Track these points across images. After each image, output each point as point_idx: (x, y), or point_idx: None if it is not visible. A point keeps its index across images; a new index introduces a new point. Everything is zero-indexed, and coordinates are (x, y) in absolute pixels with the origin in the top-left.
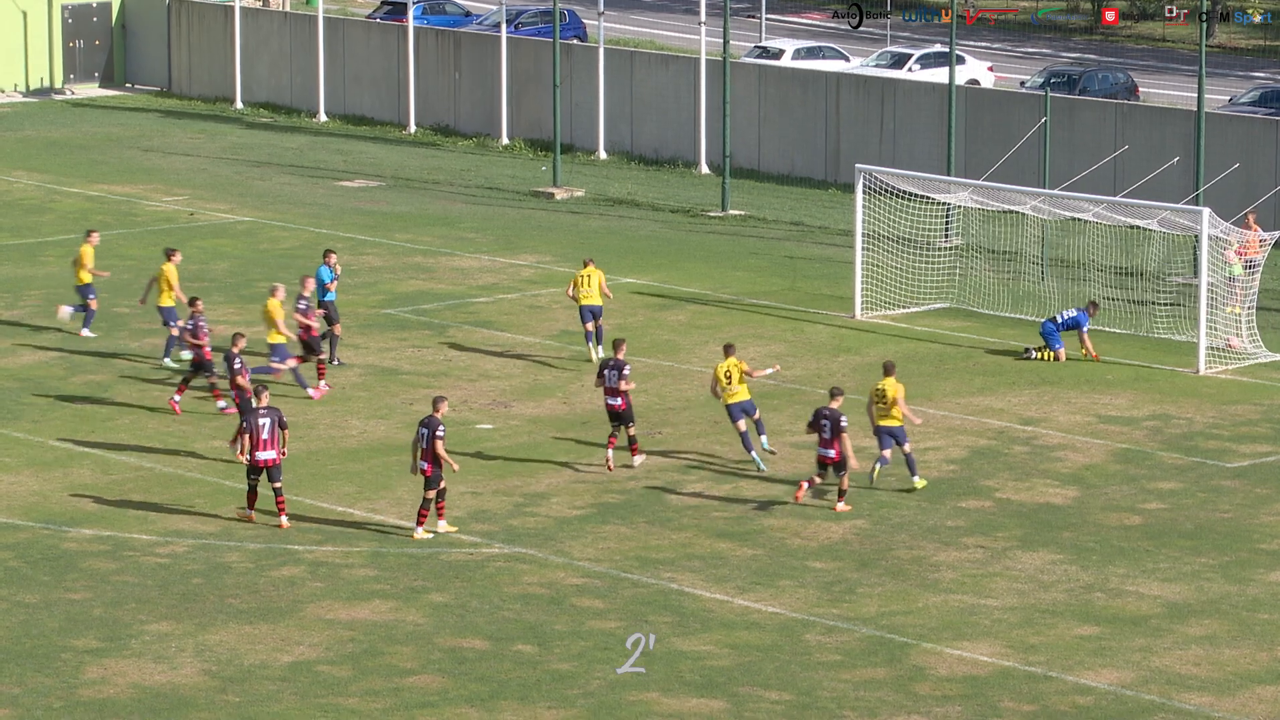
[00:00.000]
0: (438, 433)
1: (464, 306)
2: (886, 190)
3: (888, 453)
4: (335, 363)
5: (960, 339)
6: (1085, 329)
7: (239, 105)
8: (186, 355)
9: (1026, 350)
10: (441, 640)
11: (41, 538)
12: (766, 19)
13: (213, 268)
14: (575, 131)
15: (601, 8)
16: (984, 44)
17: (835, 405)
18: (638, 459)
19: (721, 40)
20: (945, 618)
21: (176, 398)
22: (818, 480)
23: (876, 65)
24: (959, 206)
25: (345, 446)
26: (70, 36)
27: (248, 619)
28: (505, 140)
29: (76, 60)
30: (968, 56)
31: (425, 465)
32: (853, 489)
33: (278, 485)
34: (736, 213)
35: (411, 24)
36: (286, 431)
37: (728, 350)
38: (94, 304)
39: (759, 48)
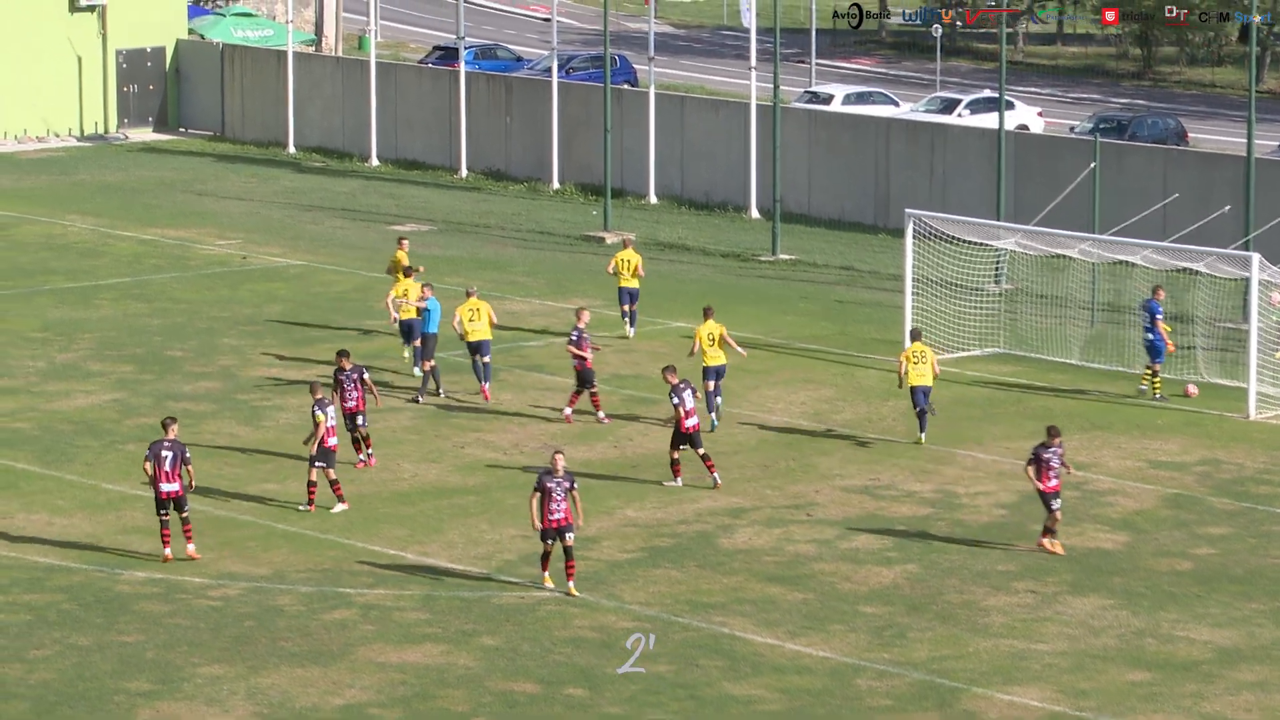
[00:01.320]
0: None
1: (515, 350)
2: (936, 235)
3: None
4: (421, 399)
5: (1010, 383)
6: (1159, 315)
7: (291, 150)
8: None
9: (1147, 392)
10: (493, 684)
11: (95, 580)
12: (816, 64)
13: (265, 310)
14: (626, 176)
15: (652, 53)
16: (1033, 89)
17: (1056, 443)
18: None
19: (772, 85)
20: (996, 663)
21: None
22: (1059, 517)
23: (926, 110)
24: (1008, 251)
25: (396, 490)
26: (124, 81)
27: (299, 662)
28: (556, 184)
29: (130, 105)
30: (1017, 102)
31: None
32: (905, 529)
33: (184, 515)
34: (787, 257)
35: (463, 69)
36: (190, 467)
37: (708, 313)
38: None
39: (809, 92)
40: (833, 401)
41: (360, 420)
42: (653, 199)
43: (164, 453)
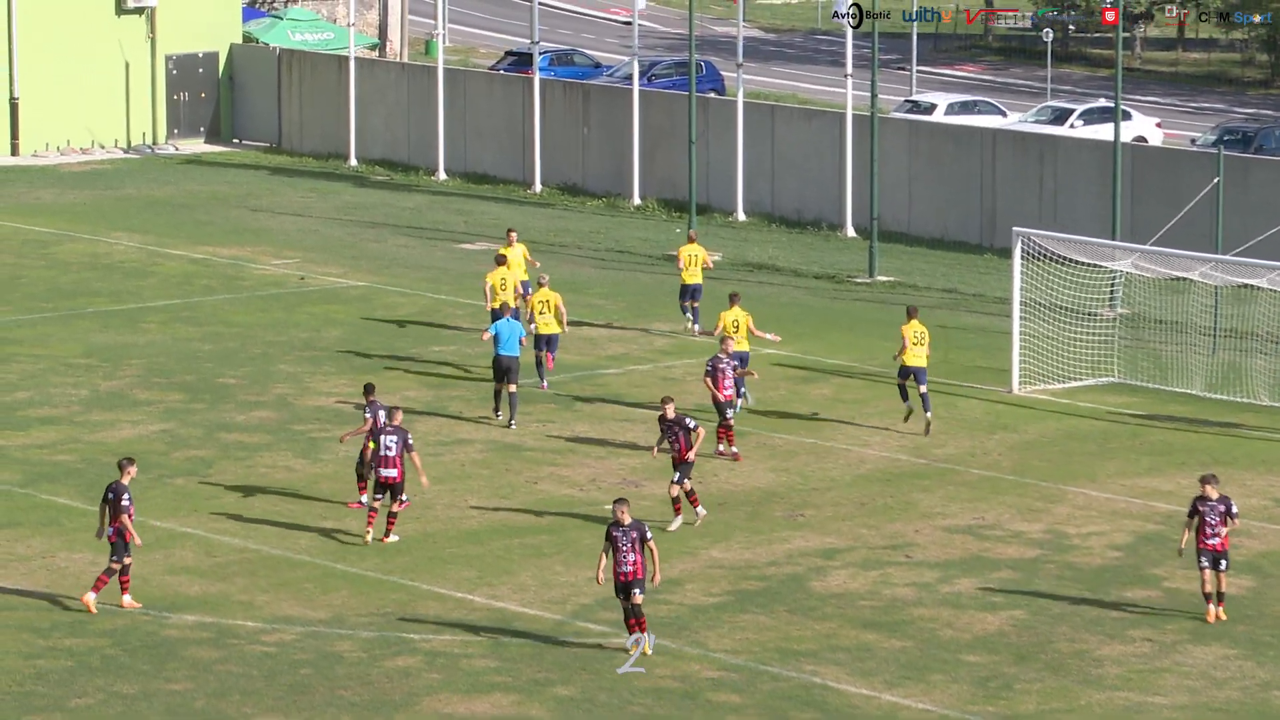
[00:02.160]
0: (123, 500)
1: (592, 378)
2: (1046, 255)
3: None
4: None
5: (1125, 415)
6: None
7: (353, 162)
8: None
9: None
10: None
11: (141, 624)
12: (918, 71)
13: (324, 335)
14: (712, 191)
15: (740, 58)
16: (1152, 99)
17: (1214, 494)
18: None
19: (869, 93)
20: (1110, 716)
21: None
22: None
23: (1036, 121)
24: (1124, 273)
25: (464, 528)
26: (174, 89)
27: (359, 712)
28: (637, 200)
29: (180, 114)
30: (1134, 112)
31: None
32: (1011, 572)
33: (121, 563)
34: (885, 279)
35: (537, 76)
36: (124, 515)
37: (734, 299)
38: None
39: (909, 101)
40: (934, 434)
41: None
42: (740, 216)
43: (109, 496)
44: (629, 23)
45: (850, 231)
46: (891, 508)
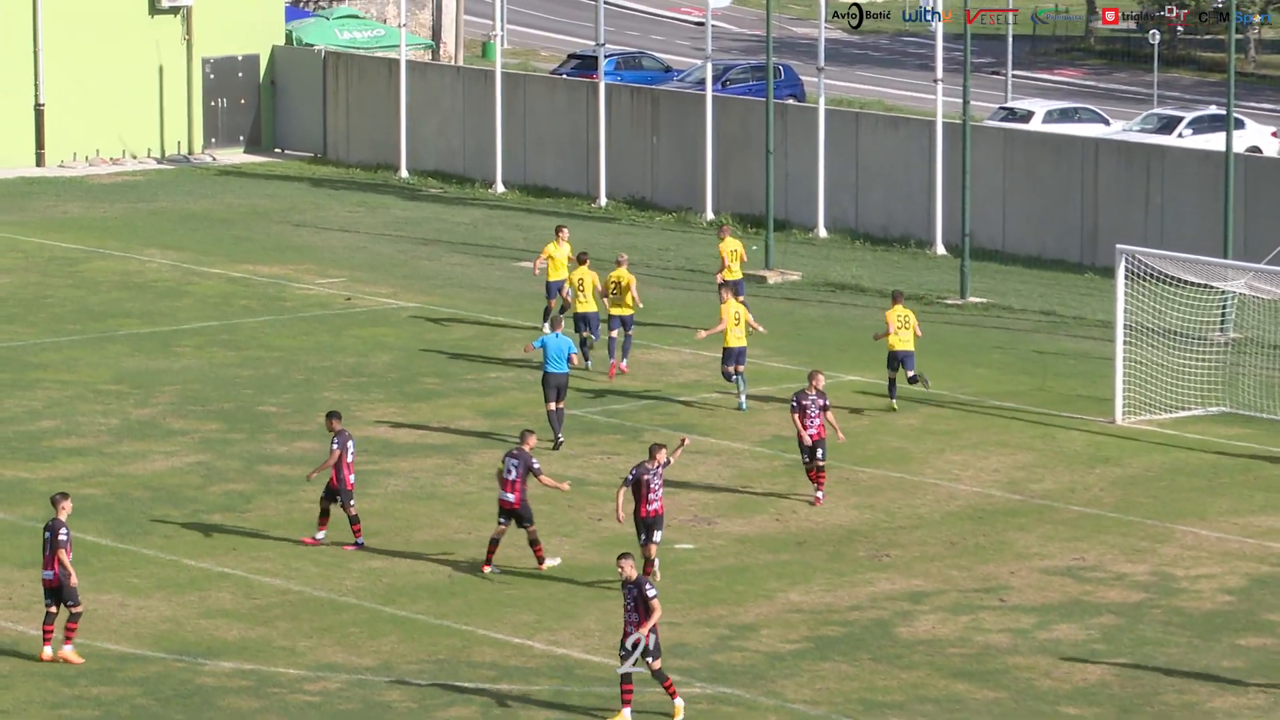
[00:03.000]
0: (59, 535)
1: (661, 407)
2: (1152, 275)
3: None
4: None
5: (1237, 448)
6: None
7: (404, 174)
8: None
9: None
10: None
11: (174, 671)
12: (1013, 76)
13: (372, 360)
14: (791, 205)
15: (822, 62)
16: (1267, 106)
17: None
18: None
19: (961, 100)
20: None
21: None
22: None
23: (1141, 129)
24: (1236, 294)
25: (523, 568)
26: (211, 95)
27: None
28: (710, 215)
29: (218, 122)
30: (1247, 120)
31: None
32: (1115, 617)
33: (71, 610)
34: (977, 300)
35: (603, 80)
36: (61, 550)
37: (737, 293)
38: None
39: (1004, 109)
40: (1031, 468)
41: (345, 500)
42: (822, 232)
43: (46, 534)
44: (701, 23)
45: (940, 249)
46: (984, 548)
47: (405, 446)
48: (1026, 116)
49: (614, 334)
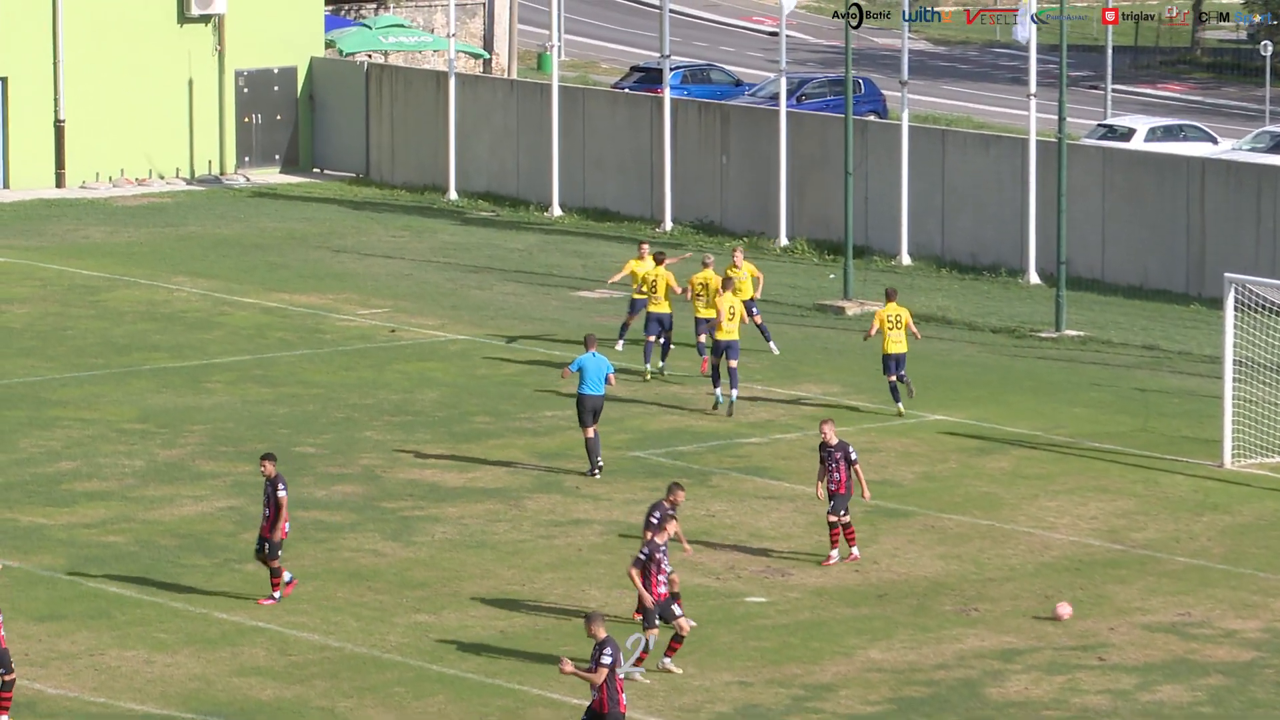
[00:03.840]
0: None
1: (731, 448)
2: (1264, 306)
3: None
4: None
5: None
6: None
7: (453, 196)
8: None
9: None
10: None
11: None
12: (1113, 91)
13: (418, 398)
14: (871, 230)
15: (905, 75)
16: None
17: None
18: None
19: (1056, 116)
20: None
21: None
22: None
23: (1252, 148)
24: None
25: (580, 622)
26: (245, 110)
27: None
28: (784, 241)
29: (253, 139)
30: None
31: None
32: (1223, 677)
33: (7, 675)
34: (1074, 333)
35: (668, 95)
36: None
37: (727, 284)
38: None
39: (1104, 126)
40: (1132, 516)
41: (265, 547)
42: (905, 259)
43: None
44: (775, 33)
45: (1034, 278)
46: (1082, 601)
47: (454, 491)
48: (1127, 134)
49: (701, 338)
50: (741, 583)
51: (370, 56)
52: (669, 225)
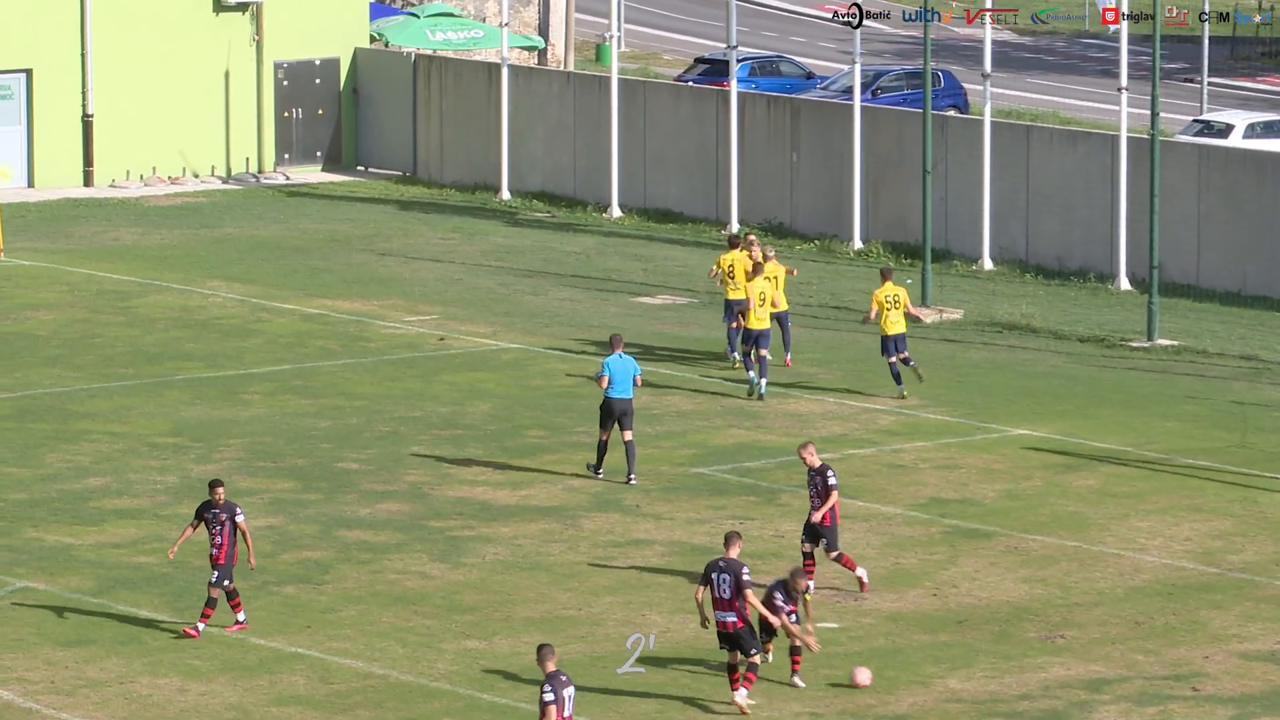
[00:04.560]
0: None
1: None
2: None
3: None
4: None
5: None
6: None
7: (505, 195)
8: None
9: None
10: None
11: None
12: (1209, 84)
13: (468, 410)
14: (951, 233)
15: (988, 68)
16: None
17: None
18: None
19: (1149, 111)
20: None
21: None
22: None
23: None
24: None
25: (643, 650)
26: (285, 104)
27: None
28: (857, 244)
29: (293, 135)
30: None
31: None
32: None
33: None
34: (1167, 343)
35: (735, 88)
36: None
37: (758, 269)
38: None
39: (1200, 122)
40: (1228, 537)
41: (223, 578)
42: (987, 263)
43: None
44: (849, 23)
45: (1124, 284)
46: (1174, 628)
47: (506, 509)
48: (1225, 130)
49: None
50: (815, 607)
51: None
52: (735, 227)
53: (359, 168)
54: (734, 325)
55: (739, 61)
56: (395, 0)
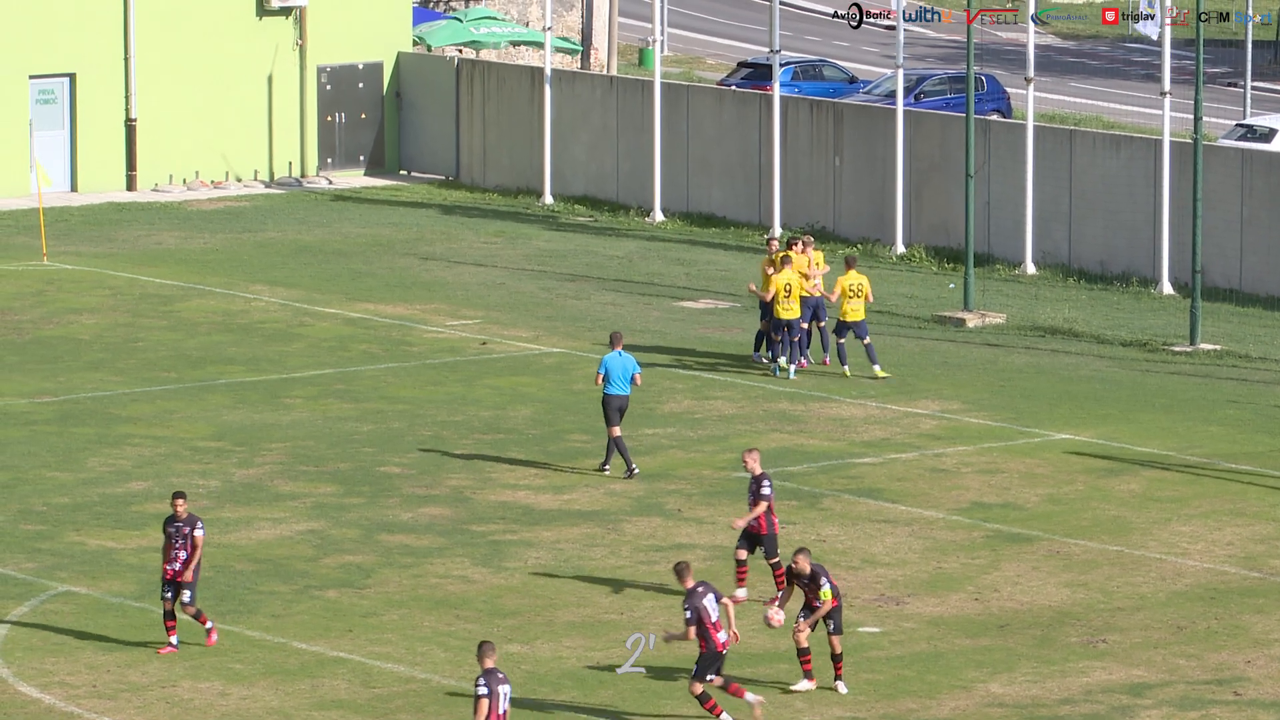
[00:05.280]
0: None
1: (843, 469)
2: None
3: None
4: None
5: None
6: None
7: (548, 200)
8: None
9: None
10: None
11: None
12: (1253, 88)
13: (510, 415)
14: (994, 237)
15: (1031, 72)
16: None
17: None
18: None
19: (1192, 116)
20: None
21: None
22: None
23: None
24: None
25: (680, 653)
26: (328, 109)
27: None
28: (900, 248)
29: (336, 139)
30: None
31: None
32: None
33: None
34: (1210, 348)
35: (778, 92)
36: None
37: (785, 261)
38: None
39: (1243, 126)
40: (1271, 541)
41: (184, 594)
42: (1030, 268)
43: None
44: (891, 27)
45: (1167, 288)
46: (1217, 633)
47: (548, 513)
48: (1268, 135)
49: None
50: (854, 611)
51: (461, 51)
52: (778, 231)
53: (402, 172)
54: (776, 338)
55: (782, 66)
56: (439, 5)
